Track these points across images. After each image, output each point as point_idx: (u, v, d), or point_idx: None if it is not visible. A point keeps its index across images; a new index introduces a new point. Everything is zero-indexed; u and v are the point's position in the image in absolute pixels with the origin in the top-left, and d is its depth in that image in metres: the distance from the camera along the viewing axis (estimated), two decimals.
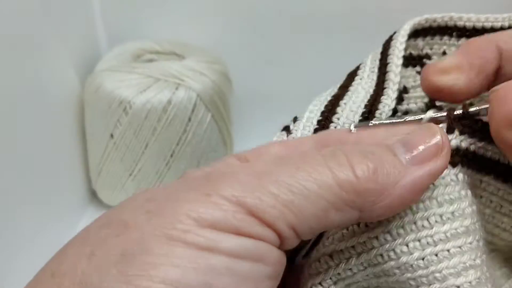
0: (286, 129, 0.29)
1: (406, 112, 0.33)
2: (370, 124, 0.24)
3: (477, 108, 0.22)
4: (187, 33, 0.58)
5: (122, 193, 0.53)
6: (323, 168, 0.19)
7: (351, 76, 0.32)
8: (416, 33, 0.32)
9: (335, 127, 0.28)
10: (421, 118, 0.23)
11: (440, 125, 0.22)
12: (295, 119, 0.30)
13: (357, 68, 0.32)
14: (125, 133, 0.50)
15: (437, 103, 0.27)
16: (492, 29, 0.32)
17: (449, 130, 0.22)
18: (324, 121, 0.28)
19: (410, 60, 0.33)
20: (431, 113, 0.23)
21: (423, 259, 0.20)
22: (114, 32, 0.59)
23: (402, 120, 0.24)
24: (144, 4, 0.58)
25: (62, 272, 0.17)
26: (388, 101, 0.29)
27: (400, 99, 0.32)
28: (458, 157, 0.22)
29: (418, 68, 0.33)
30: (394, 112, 0.32)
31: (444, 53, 0.32)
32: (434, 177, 0.20)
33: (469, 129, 0.22)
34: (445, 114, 0.23)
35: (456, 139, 0.22)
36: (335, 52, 0.56)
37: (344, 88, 0.31)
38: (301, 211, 0.18)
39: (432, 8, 0.41)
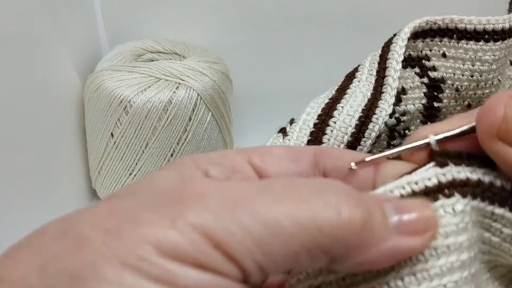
0: (282, 131, 0.29)
1: (403, 113, 0.33)
2: (367, 160, 0.23)
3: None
4: (187, 32, 0.58)
5: None
6: (305, 205, 0.17)
7: (349, 78, 0.32)
8: (416, 35, 0.32)
9: (332, 131, 0.28)
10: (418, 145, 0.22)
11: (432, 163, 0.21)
12: (291, 121, 0.30)
13: (355, 70, 0.32)
14: (125, 132, 0.50)
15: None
16: (493, 31, 0.32)
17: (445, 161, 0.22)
18: (321, 124, 0.28)
19: (409, 61, 0.33)
20: (431, 139, 0.22)
21: None
22: (115, 31, 0.59)
23: (398, 150, 0.23)
24: (145, 4, 0.58)
25: (12, 280, 0.16)
26: (385, 105, 0.29)
27: (398, 100, 0.32)
28: (453, 188, 0.21)
29: (416, 69, 0.33)
30: (392, 113, 0.32)
31: (443, 55, 0.32)
32: (410, 253, 0.19)
33: (470, 160, 0.21)
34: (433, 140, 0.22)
35: (456, 168, 0.21)
36: (335, 52, 0.56)
37: (341, 91, 0.31)
38: (271, 250, 0.17)
39: (432, 8, 0.41)
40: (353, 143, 0.28)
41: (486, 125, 0.20)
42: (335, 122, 0.28)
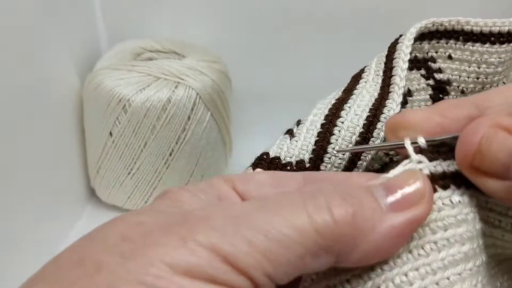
0: (290, 132, 0.29)
1: None
2: (347, 149, 0.24)
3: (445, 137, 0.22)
4: (187, 32, 0.58)
5: (120, 191, 0.53)
6: (300, 212, 0.18)
7: (356, 79, 0.32)
8: (422, 36, 0.32)
9: (339, 131, 0.28)
10: (402, 144, 0.22)
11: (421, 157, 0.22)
12: (298, 123, 0.29)
13: (362, 71, 0.32)
14: (124, 131, 0.50)
15: None
16: (499, 34, 0.32)
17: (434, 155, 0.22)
18: (328, 125, 0.28)
19: (415, 63, 0.33)
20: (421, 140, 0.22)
21: None
22: (114, 30, 0.59)
23: (382, 145, 0.23)
24: (144, 2, 0.58)
25: None
26: (393, 105, 0.29)
27: (404, 102, 0.32)
28: (450, 180, 0.21)
29: (422, 71, 0.33)
30: None
31: (449, 56, 0.32)
32: (415, 225, 0.20)
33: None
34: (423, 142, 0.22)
35: (445, 162, 0.22)
36: (335, 52, 0.56)
37: (348, 92, 0.30)
38: (277, 258, 0.18)
39: (432, 8, 0.41)
40: (362, 143, 0.28)
41: (461, 153, 0.21)
42: (342, 122, 0.28)
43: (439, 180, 0.21)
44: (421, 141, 0.22)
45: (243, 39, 0.58)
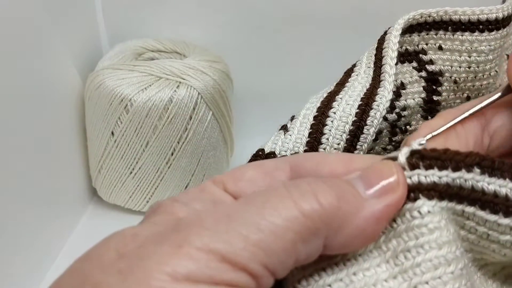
0: (284, 127, 0.29)
1: (404, 108, 0.33)
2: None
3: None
4: (188, 31, 0.58)
5: (122, 191, 0.53)
6: (287, 201, 0.19)
7: (348, 73, 0.32)
8: (412, 29, 0.33)
9: (332, 122, 0.28)
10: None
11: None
12: (292, 118, 0.30)
13: (354, 65, 0.32)
14: (125, 131, 0.50)
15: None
16: (487, 21, 0.32)
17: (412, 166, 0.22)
18: (321, 116, 0.28)
19: (406, 56, 0.33)
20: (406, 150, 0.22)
21: None
22: (115, 30, 0.59)
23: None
24: (145, 2, 0.58)
25: None
26: (385, 92, 0.29)
27: (398, 95, 0.32)
28: (419, 192, 0.22)
29: (414, 64, 0.33)
30: (392, 108, 0.32)
31: (440, 47, 0.32)
32: (393, 209, 0.21)
33: (438, 162, 0.22)
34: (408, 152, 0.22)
35: (426, 172, 0.22)
36: (335, 52, 0.56)
37: (340, 85, 0.31)
38: (271, 247, 0.18)
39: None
40: (356, 132, 0.28)
41: None
42: (334, 113, 0.28)
43: (410, 193, 0.22)
44: (415, 145, 0.22)
45: (244, 39, 0.58)
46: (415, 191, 0.22)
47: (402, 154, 0.22)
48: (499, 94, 0.26)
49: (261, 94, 0.61)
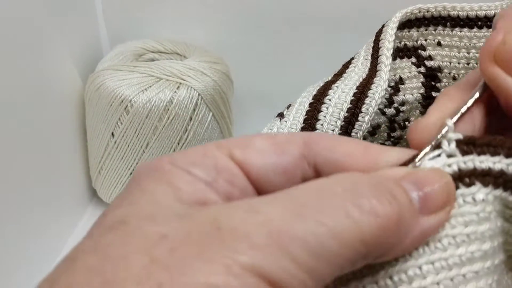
0: (280, 115, 0.30)
1: (402, 103, 0.33)
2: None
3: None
4: (188, 32, 0.58)
5: None
6: (345, 220, 0.17)
7: (346, 65, 0.32)
8: (410, 24, 0.33)
9: (327, 108, 0.28)
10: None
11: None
12: (288, 106, 0.30)
13: (352, 58, 0.33)
14: (126, 132, 0.50)
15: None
16: (486, 18, 0.32)
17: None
18: (316, 103, 0.29)
19: (405, 51, 0.33)
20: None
21: (437, 283, 0.19)
22: (116, 31, 0.59)
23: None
24: (146, 3, 0.58)
25: None
26: (380, 81, 0.29)
27: (396, 90, 0.32)
28: (474, 178, 0.21)
29: (413, 59, 0.33)
30: (391, 102, 0.32)
31: (439, 43, 0.32)
32: (434, 232, 0.20)
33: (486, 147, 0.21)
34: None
35: (479, 157, 0.21)
36: (335, 52, 0.56)
37: (337, 76, 0.31)
38: (321, 275, 0.17)
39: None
40: (350, 119, 0.28)
41: (485, 48, 0.21)
42: (330, 100, 0.29)
43: (465, 178, 0.20)
44: (450, 124, 0.21)
45: (244, 40, 0.58)
46: (470, 177, 0.20)
47: (450, 142, 0.21)
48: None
49: (261, 95, 0.61)
